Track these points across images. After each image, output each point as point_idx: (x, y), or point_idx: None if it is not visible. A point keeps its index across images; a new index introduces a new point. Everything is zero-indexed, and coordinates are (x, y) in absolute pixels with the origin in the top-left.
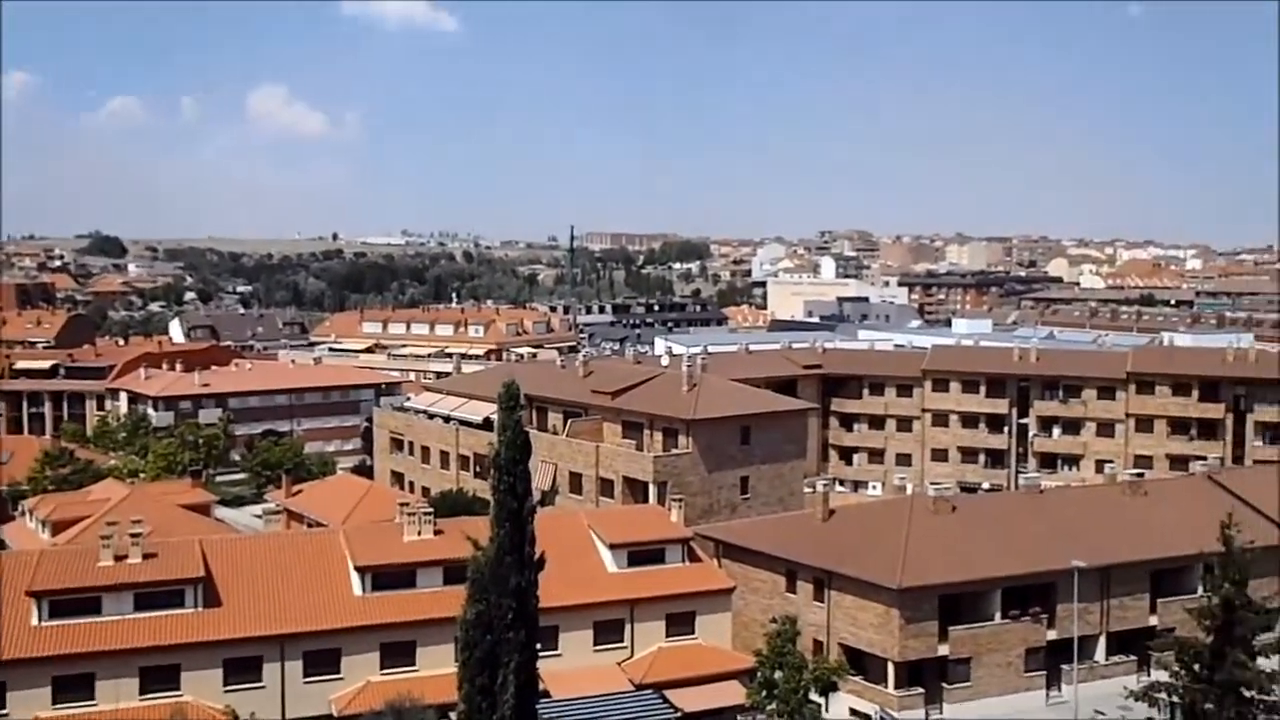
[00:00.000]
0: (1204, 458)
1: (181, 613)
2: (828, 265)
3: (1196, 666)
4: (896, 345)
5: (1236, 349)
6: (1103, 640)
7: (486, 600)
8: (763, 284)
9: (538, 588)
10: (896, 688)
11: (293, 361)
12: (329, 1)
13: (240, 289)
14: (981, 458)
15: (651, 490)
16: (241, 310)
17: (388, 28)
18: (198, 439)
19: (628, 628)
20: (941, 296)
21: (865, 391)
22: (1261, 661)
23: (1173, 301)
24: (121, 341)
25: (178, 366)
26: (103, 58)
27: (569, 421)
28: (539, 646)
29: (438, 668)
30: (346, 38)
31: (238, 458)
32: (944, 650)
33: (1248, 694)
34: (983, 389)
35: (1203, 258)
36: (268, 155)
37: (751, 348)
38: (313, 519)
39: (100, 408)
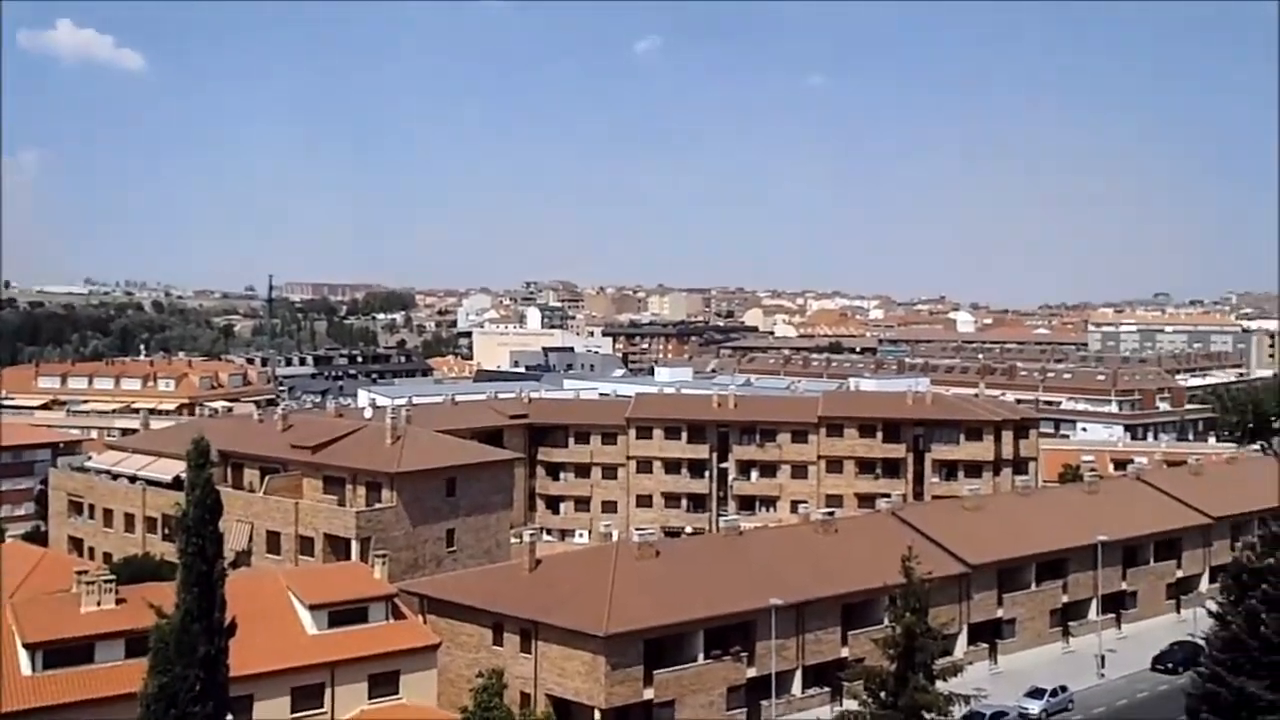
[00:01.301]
0: (888, 495)
1: None
2: (533, 315)
3: (882, 693)
4: (601, 394)
5: (915, 393)
6: (799, 674)
7: (170, 671)
8: (468, 334)
9: (228, 655)
10: None
11: None
12: None
13: None
14: (684, 502)
15: (354, 547)
16: None
17: (66, 64)
18: None
19: (328, 691)
20: (645, 346)
21: (571, 440)
22: (940, 684)
23: (858, 349)
24: None
25: None
26: None
27: (267, 478)
28: (230, 718)
29: None
30: (19, 72)
31: None
32: (649, 694)
33: (928, 716)
34: (684, 435)
35: (884, 308)
36: None
37: (457, 398)
38: None
39: None
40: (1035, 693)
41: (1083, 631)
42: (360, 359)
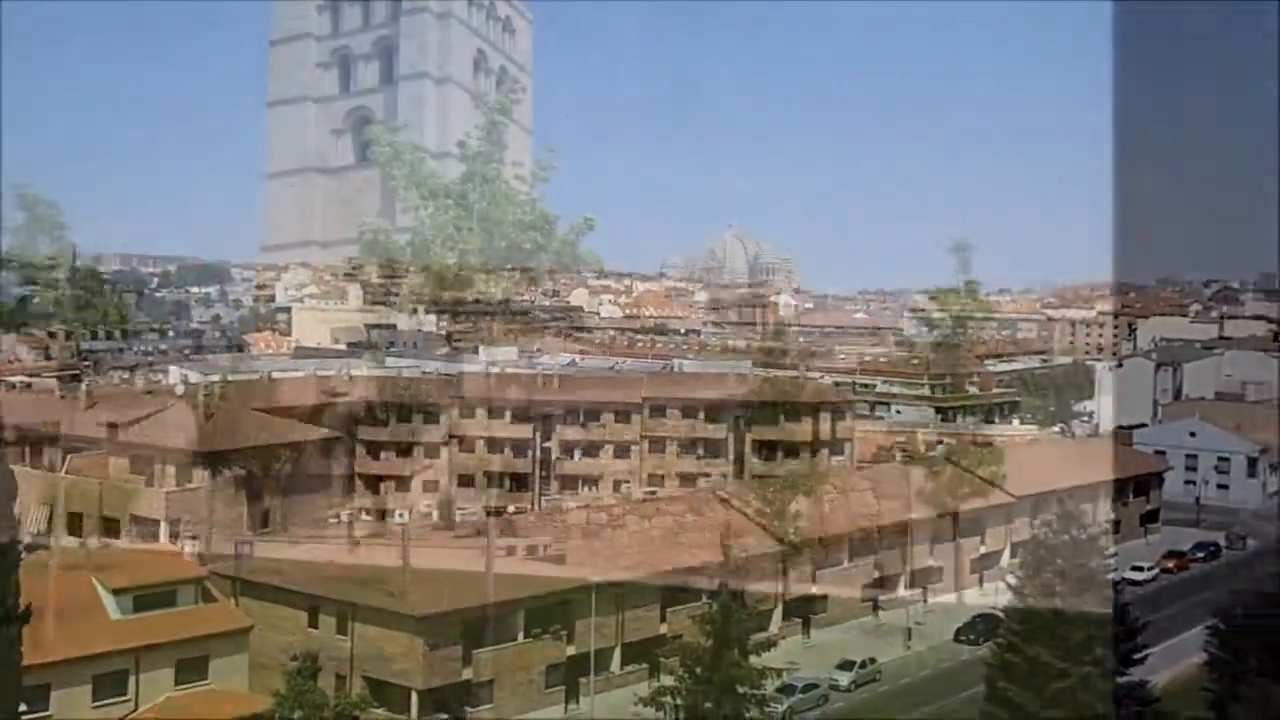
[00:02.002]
0: (709, 475)
1: None
2: (355, 292)
3: (698, 669)
4: (424, 372)
5: (737, 374)
6: (618, 651)
7: None
8: (288, 310)
9: (21, 643)
10: (420, 716)
11: None
12: None
13: None
14: (507, 482)
15: (163, 528)
16: None
17: None
18: None
19: (132, 678)
20: (470, 324)
21: (392, 419)
22: (754, 659)
23: (683, 330)
24: None
25: None
26: None
27: (69, 457)
28: (23, 709)
29: None
30: None
31: None
32: (468, 674)
33: (741, 690)
34: (508, 415)
35: (709, 290)
36: None
37: (274, 375)
38: None
39: None
40: (845, 665)
41: (892, 605)
42: (172, 334)
